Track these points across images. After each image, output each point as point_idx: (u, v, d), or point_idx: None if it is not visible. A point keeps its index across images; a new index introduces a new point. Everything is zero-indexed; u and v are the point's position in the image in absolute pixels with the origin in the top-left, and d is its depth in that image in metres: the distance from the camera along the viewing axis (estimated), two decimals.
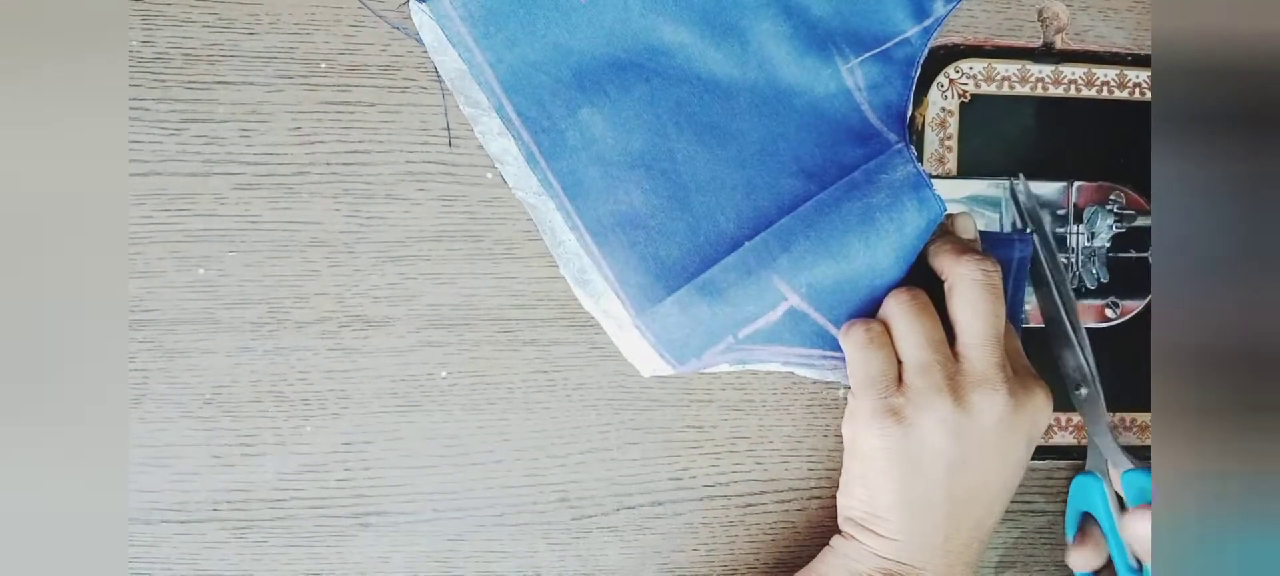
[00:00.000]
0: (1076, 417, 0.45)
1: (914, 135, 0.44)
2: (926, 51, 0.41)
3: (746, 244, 0.39)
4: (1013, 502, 0.45)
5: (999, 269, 0.38)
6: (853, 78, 0.41)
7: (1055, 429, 0.45)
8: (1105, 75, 0.44)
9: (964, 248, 0.39)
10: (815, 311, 0.39)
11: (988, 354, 0.37)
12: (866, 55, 0.40)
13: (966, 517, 0.38)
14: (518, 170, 0.40)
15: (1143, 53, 0.45)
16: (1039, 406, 0.39)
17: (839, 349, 0.40)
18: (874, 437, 0.38)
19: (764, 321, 0.39)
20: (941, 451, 0.37)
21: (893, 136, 0.40)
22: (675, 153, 0.40)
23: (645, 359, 0.41)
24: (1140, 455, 0.43)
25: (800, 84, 0.40)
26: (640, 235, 0.40)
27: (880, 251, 0.39)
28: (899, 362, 0.38)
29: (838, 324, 0.40)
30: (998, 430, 0.37)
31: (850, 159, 0.40)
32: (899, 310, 0.38)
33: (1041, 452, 0.45)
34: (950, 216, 0.40)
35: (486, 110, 0.40)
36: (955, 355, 0.38)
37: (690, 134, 0.40)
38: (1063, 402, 0.45)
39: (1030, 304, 0.44)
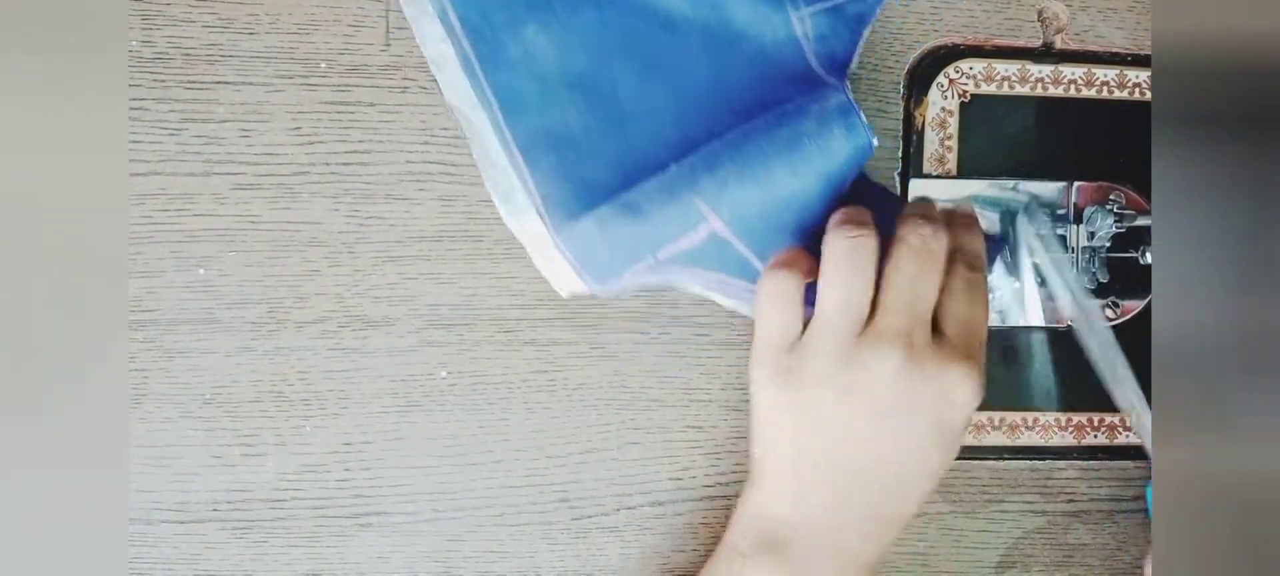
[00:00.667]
0: (1077, 418, 0.45)
1: (914, 135, 0.44)
2: (879, 12, 0.41)
3: (671, 166, 0.39)
4: (1013, 503, 0.45)
5: (944, 241, 0.36)
6: (802, 26, 0.40)
7: (1055, 429, 0.45)
8: (1105, 75, 0.44)
9: (928, 213, 0.36)
10: (738, 240, 0.38)
11: (893, 317, 0.35)
12: (819, 7, 0.40)
13: (857, 492, 0.36)
14: (454, 78, 0.40)
15: (1143, 53, 0.45)
16: (951, 383, 0.35)
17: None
18: (766, 392, 0.37)
19: (685, 242, 0.38)
20: (827, 410, 0.35)
21: (831, 82, 0.40)
22: (616, 80, 0.40)
23: (564, 277, 0.40)
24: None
25: (750, 28, 0.40)
26: (569, 154, 0.39)
27: (806, 178, 0.38)
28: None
29: (761, 255, 0.38)
30: (891, 397, 0.35)
31: (785, 98, 0.40)
32: (832, 256, 0.36)
33: (1039, 453, 0.45)
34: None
35: (428, 13, 0.39)
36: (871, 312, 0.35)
37: (634, 64, 0.40)
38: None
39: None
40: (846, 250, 0.35)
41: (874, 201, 0.39)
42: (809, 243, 0.38)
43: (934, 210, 0.37)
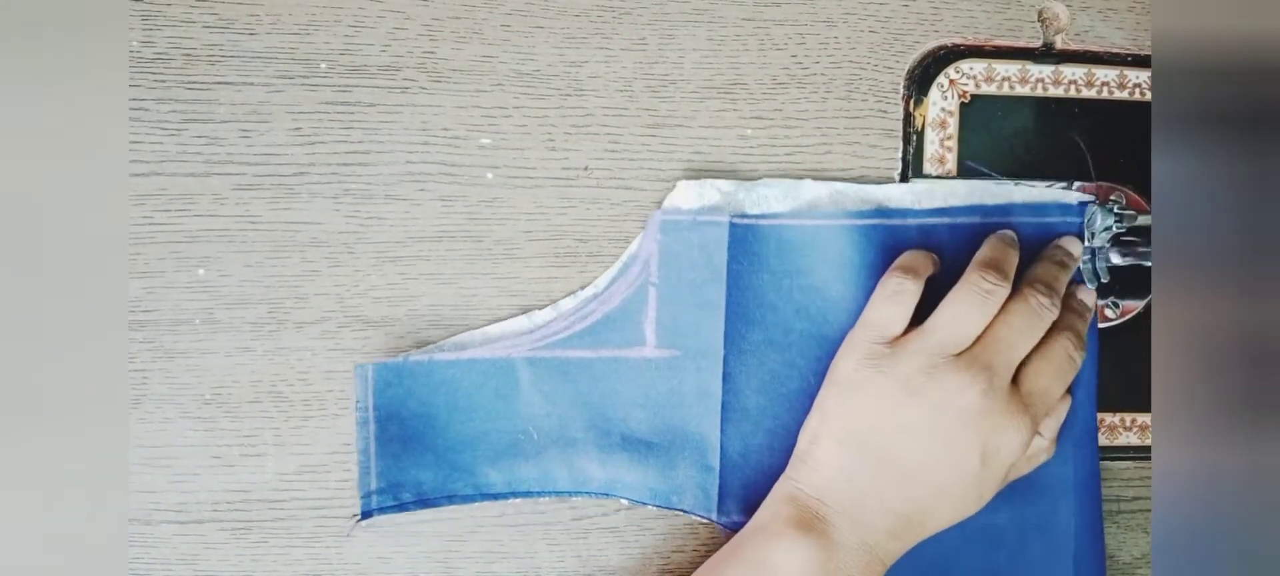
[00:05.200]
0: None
1: (914, 135, 0.44)
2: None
3: None
4: None
5: (1055, 313, 0.39)
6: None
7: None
8: (1105, 75, 0.44)
9: (1052, 284, 0.40)
10: None
11: (988, 353, 0.38)
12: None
13: (898, 488, 0.38)
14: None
15: (1143, 53, 0.45)
16: (1009, 428, 0.38)
17: None
18: (849, 366, 0.39)
19: None
20: (898, 404, 0.37)
21: None
22: None
23: None
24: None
25: None
26: None
27: None
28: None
29: None
30: (957, 417, 0.37)
31: None
32: (965, 291, 0.38)
33: None
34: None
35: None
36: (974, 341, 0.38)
37: None
38: None
39: None
40: (979, 294, 0.38)
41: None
42: None
43: (1058, 282, 0.40)
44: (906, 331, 0.39)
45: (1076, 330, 0.40)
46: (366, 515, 0.41)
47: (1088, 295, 0.42)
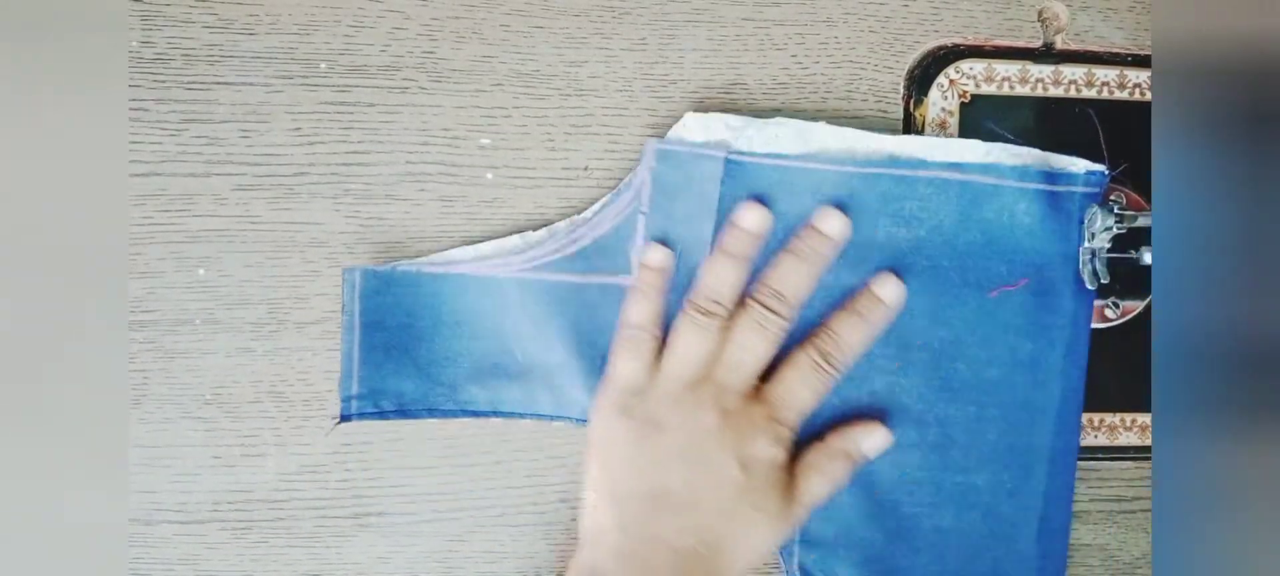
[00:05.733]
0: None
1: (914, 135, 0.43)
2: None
3: None
4: None
5: (780, 323, 0.40)
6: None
7: None
8: (1105, 75, 0.44)
9: (780, 293, 0.40)
10: None
11: (721, 371, 0.39)
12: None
13: (670, 521, 0.38)
14: None
15: (1143, 53, 0.45)
16: (753, 437, 0.39)
17: None
18: (600, 424, 0.40)
19: None
20: (649, 442, 0.39)
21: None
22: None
23: None
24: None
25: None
26: None
27: None
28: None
29: None
30: (702, 437, 0.38)
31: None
32: (679, 327, 0.40)
33: None
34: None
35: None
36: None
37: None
38: None
39: None
40: (692, 325, 0.40)
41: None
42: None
43: (788, 284, 0.40)
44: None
45: (840, 340, 0.40)
46: (346, 418, 0.41)
47: (882, 290, 0.41)
